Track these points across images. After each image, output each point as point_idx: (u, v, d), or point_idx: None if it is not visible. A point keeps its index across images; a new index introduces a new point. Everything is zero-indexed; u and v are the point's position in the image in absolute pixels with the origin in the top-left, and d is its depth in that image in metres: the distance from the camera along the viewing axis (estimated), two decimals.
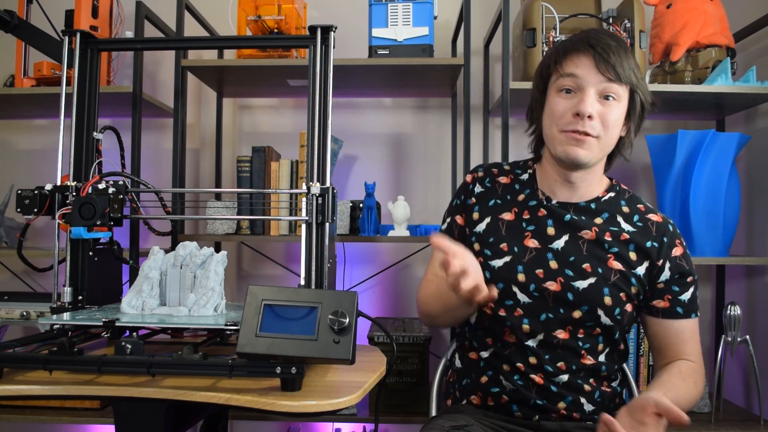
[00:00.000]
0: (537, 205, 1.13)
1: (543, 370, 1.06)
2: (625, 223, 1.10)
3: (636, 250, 1.08)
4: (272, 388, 0.89)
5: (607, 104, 1.03)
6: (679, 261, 1.09)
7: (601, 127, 1.03)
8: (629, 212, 1.12)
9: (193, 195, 1.90)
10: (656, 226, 1.10)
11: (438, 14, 1.74)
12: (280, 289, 0.90)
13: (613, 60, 1.01)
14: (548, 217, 1.11)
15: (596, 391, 1.07)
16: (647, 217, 1.11)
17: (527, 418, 1.07)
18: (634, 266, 1.07)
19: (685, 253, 1.10)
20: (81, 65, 1.16)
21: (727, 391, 1.89)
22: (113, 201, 1.10)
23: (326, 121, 1.06)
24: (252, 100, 2.13)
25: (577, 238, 1.08)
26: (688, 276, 1.09)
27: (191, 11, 1.82)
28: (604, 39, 1.04)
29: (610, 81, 1.02)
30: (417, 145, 2.09)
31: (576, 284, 1.05)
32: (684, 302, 1.09)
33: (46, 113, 2.06)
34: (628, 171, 2.04)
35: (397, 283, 2.08)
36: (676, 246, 1.09)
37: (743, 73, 1.68)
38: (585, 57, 1.03)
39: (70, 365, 0.92)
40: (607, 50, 1.02)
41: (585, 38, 1.05)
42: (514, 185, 1.17)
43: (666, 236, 1.09)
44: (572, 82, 1.03)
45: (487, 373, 1.10)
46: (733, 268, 1.95)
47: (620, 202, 1.13)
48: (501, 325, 1.09)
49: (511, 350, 1.08)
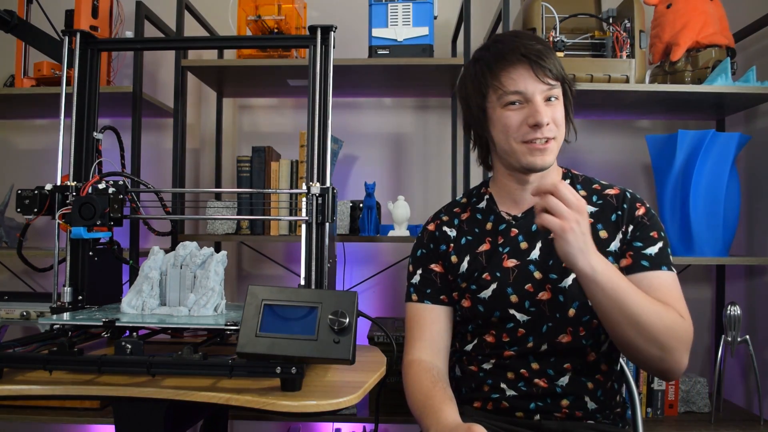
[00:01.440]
0: (507, 227, 1.13)
1: (546, 374, 1.06)
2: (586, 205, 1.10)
3: (605, 228, 1.07)
4: (272, 388, 0.89)
5: (552, 105, 1.05)
6: (641, 219, 1.07)
7: (555, 128, 1.05)
8: (587, 194, 1.11)
9: (193, 195, 1.90)
10: (615, 198, 1.10)
11: (438, 14, 1.74)
12: (280, 289, 0.90)
13: (548, 63, 1.02)
14: (519, 233, 1.11)
15: (598, 389, 1.07)
16: (605, 193, 1.11)
17: (528, 419, 1.07)
18: (607, 244, 1.06)
19: (649, 213, 1.08)
20: (81, 65, 1.16)
21: (727, 391, 1.89)
22: (113, 201, 1.10)
23: (326, 121, 1.06)
24: (252, 100, 2.13)
25: (550, 241, 1.07)
26: (651, 231, 1.06)
27: (191, 11, 1.82)
28: (532, 45, 1.04)
29: (551, 86, 1.03)
30: (417, 145, 2.09)
31: (562, 284, 1.05)
32: (650, 255, 1.04)
33: (46, 113, 2.06)
34: (628, 171, 2.04)
35: (397, 283, 2.08)
36: (637, 208, 1.08)
37: (743, 73, 1.68)
38: (522, 68, 1.03)
39: (70, 365, 0.92)
40: (540, 55, 1.02)
41: (513, 48, 1.04)
42: (476, 215, 1.17)
43: (626, 202, 1.08)
44: (517, 96, 1.04)
45: (487, 382, 1.10)
46: (733, 268, 1.95)
47: (576, 187, 1.13)
48: (503, 348, 1.09)
49: (513, 361, 1.08)
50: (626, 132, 2.06)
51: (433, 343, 1.12)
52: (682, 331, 0.96)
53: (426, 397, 1.01)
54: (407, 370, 1.10)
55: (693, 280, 1.99)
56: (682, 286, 1.05)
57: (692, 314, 1.01)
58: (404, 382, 1.09)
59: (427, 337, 1.12)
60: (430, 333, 1.13)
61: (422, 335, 1.13)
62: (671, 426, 1.63)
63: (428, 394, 1.02)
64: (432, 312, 1.14)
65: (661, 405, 1.69)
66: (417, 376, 1.06)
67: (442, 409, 0.97)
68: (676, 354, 0.95)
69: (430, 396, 1.01)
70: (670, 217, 1.72)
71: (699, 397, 1.74)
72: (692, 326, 0.99)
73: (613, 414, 1.09)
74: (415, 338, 1.13)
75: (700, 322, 2.00)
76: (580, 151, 2.05)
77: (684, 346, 0.96)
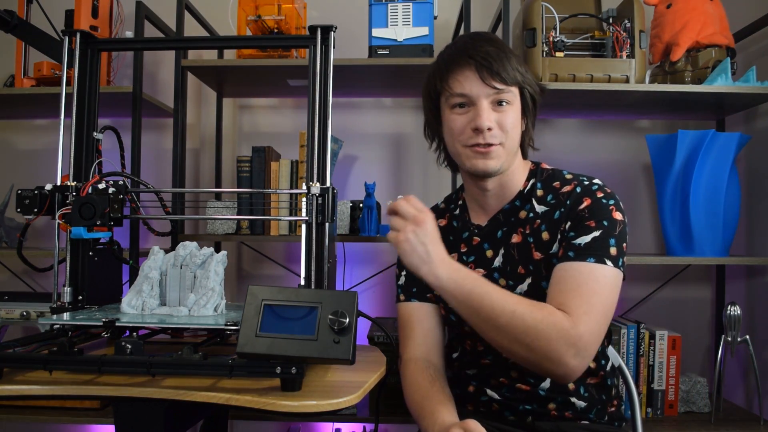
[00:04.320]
0: (470, 235, 1.13)
1: (526, 380, 1.06)
2: (538, 205, 1.07)
3: (548, 229, 1.04)
4: (272, 388, 0.89)
5: (501, 110, 1.03)
6: (581, 212, 1.00)
7: (501, 133, 1.03)
8: (543, 194, 1.08)
9: (193, 195, 1.90)
10: (566, 195, 1.04)
11: (438, 14, 1.73)
12: (280, 289, 0.90)
13: (496, 67, 1.00)
14: (483, 241, 1.11)
15: (581, 386, 1.06)
16: (561, 191, 1.06)
17: (521, 420, 1.07)
18: (549, 246, 1.03)
19: (595, 204, 1.00)
20: (81, 65, 1.16)
21: (727, 391, 1.89)
22: (113, 201, 1.10)
23: (326, 121, 1.06)
24: (252, 100, 2.13)
25: (510, 247, 1.08)
26: (589, 221, 0.99)
27: (191, 11, 1.82)
28: (482, 47, 1.02)
29: (498, 90, 1.01)
30: (417, 145, 2.09)
31: (518, 290, 1.05)
32: (578, 245, 0.97)
33: (46, 113, 2.06)
34: (628, 171, 2.04)
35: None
36: (582, 201, 1.02)
37: (743, 73, 1.68)
38: (468, 71, 1.02)
39: (70, 365, 0.92)
40: (488, 59, 1.00)
41: (464, 50, 1.03)
42: (453, 222, 1.17)
43: (571, 198, 1.03)
44: (463, 98, 1.04)
45: (475, 386, 1.11)
46: (733, 268, 1.95)
47: (537, 185, 1.09)
48: (481, 357, 1.10)
49: (493, 369, 1.09)
50: (626, 132, 2.06)
51: (427, 340, 1.12)
52: (552, 330, 0.88)
53: (423, 398, 1.01)
54: (404, 370, 1.10)
55: (693, 280, 1.99)
56: (683, 286, 1.04)
57: (692, 314, 1.00)
58: (402, 384, 1.09)
59: (419, 334, 1.12)
60: (421, 330, 1.13)
61: (414, 333, 1.13)
62: (671, 426, 1.63)
63: (425, 394, 1.01)
64: (421, 309, 1.14)
65: (661, 405, 1.69)
66: (413, 376, 1.06)
67: (439, 410, 0.96)
68: (551, 354, 0.88)
69: (427, 396, 1.01)
70: (670, 217, 1.72)
71: (699, 397, 1.74)
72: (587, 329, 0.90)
73: (608, 413, 1.08)
74: (408, 337, 1.13)
75: (700, 322, 1.99)
76: (580, 151, 2.05)
77: (560, 346, 0.88)
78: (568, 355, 0.89)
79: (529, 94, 1.07)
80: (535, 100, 1.08)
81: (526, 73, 1.05)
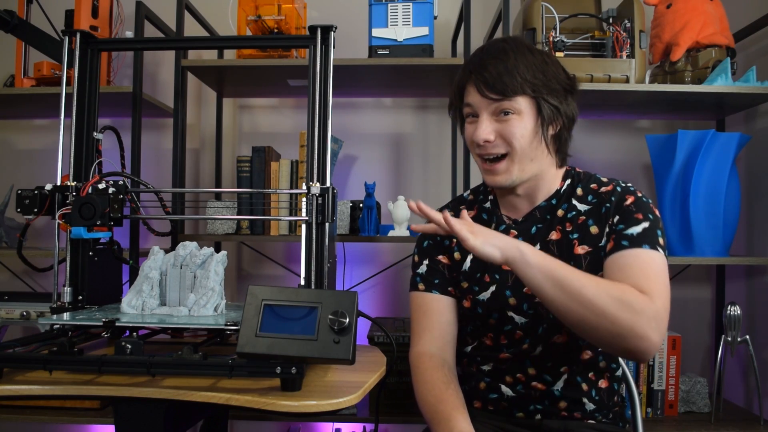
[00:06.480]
0: (506, 228, 1.12)
1: (543, 378, 1.06)
2: (580, 204, 1.08)
3: (596, 223, 1.05)
4: (272, 388, 0.89)
5: (506, 120, 1.02)
6: (628, 207, 1.03)
7: (504, 144, 1.03)
8: (583, 193, 1.09)
9: (193, 195, 1.90)
10: (607, 194, 1.07)
11: (438, 14, 1.74)
12: (280, 289, 0.90)
13: (492, 80, 1.01)
14: (518, 236, 1.10)
15: (593, 389, 1.07)
16: (600, 191, 1.08)
17: (529, 419, 1.07)
18: (599, 239, 1.04)
19: (639, 201, 1.03)
20: (81, 65, 1.16)
21: (727, 391, 1.89)
22: (113, 201, 1.10)
23: (326, 121, 1.06)
24: (252, 100, 2.13)
25: (547, 243, 1.07)
26: (636, 213, 1.01)
27: (191, 11, 1.82)
28: (484, 60, 1.03)
29: (497, 101, 1.02)
30: (417, 145, 2.09)
31: None
32: (630, 235, 0.99)
33: (46, 113, 2.06)
34: (628, 171, 2.04)
35: (397, 283, 2.08)
36: (626, 199, 1.04)
37: (743, 73, 1.68)
38: (470, 85, 1.05)
39: (70, 365, 0.92)
40: (482, 70, 1.02)
41: (468, 63, 1.07)
42: (482, 215, 1.17)
43: (614, 195, 1.05)
44: (470, 109, 1.06)
45: (486, 383, 1.10)
46: (733, 268, 1.95)
47: (576, 185, 1.11)
48: (500, 351, 1.09)
49: (510, 364, 1.08)
50: (626, 132, 2.06)
51: (442, 335, 1.10)
52: (637, 304, 0.88)
53: (438, 400, 1.00)
54: (417, 363, 1.07)
55: (693, 280, 1.99)
56: (683, 286, 1.04)
57: (692, 314, 1.00)
58: (414, 378, 1.06)
59: (435, 327, 1.10)
60: (438, 324, 1.11)
61: (431, 326, 1.10)
62: (671, 426, 1.63)
63: (440, 397, 1.00)
64: (440, 302, 1.12)
65: (661, 405, 1.69)
66: (429, 374, 1.04)
67: (455, 416, 0.95)
68: (637, 327, 0.87)
69: (442, 400, 0.99)
70: (670, 217, 1.72)
71: (699, 397, 1.74)
72: (663, 306, 0.92)
73: (612, 413, 1.09)
74: (425, 329, 1.11)
75: (700, 323, 1.99)
76: (580, 151, 2.04)
77: (645, 320, 0.88)
78: (651, 329, 0.88)
79: (546, 101, 1.03)
80: (558, 106, 1.05)
81: (547, 79, 1.03)
